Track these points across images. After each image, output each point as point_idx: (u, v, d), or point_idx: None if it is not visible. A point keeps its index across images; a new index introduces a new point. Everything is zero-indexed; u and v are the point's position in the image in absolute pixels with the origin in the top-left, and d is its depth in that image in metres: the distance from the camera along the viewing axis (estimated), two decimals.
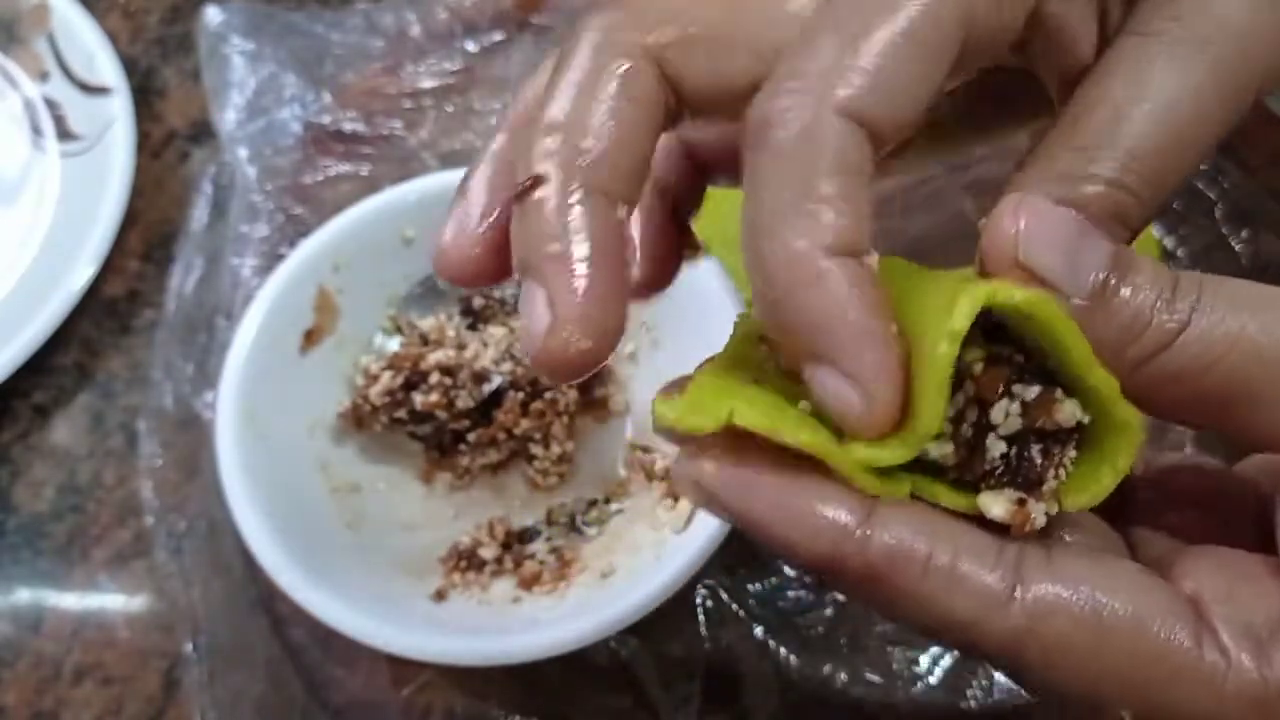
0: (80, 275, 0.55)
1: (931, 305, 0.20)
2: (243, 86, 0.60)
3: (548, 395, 0.48)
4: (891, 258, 0.22)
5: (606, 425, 0.50)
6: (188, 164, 0.61)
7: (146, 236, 0.59)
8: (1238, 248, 0.52)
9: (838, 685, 0.45)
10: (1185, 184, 0.52)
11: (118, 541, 0.51)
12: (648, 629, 0.44)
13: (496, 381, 0.48)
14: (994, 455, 0.21)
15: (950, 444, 0.21)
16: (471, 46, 0.62)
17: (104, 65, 0.61)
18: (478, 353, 0.48)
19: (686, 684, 0.45)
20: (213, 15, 0.61)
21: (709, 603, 0.46)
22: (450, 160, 0.59)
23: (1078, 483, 0.21)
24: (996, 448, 0.21)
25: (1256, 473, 0.25)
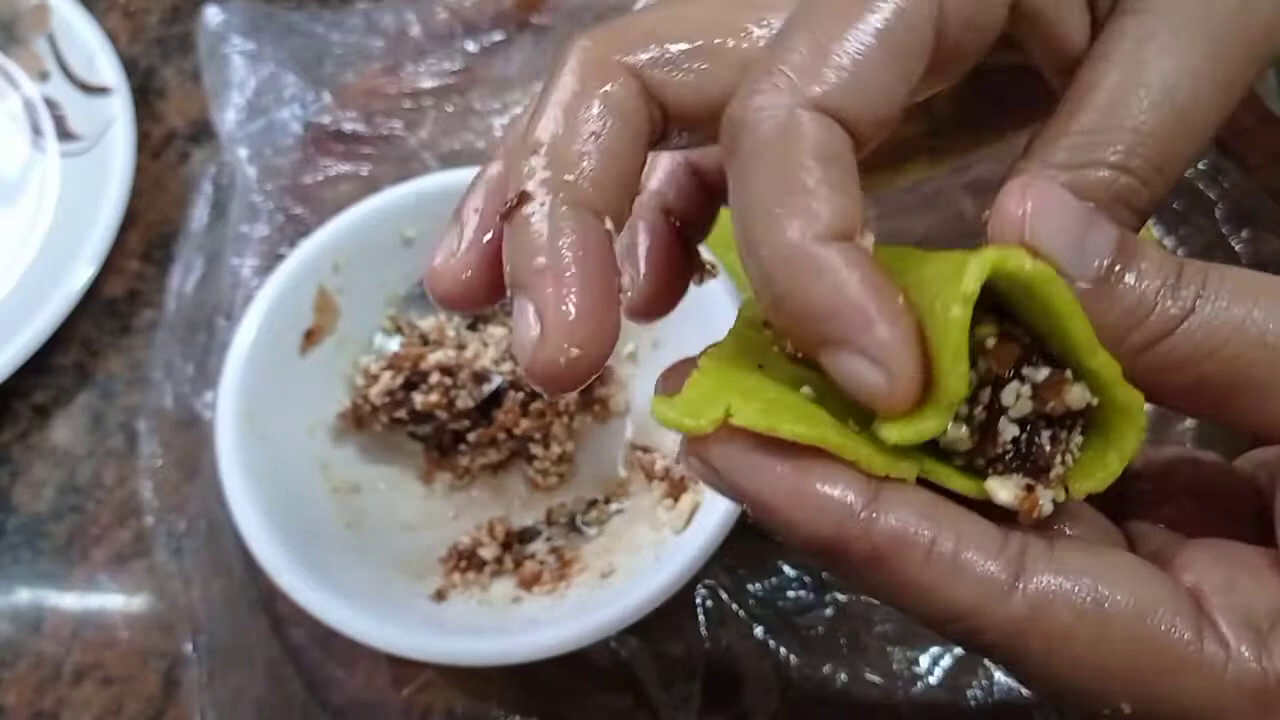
0: (80, 275, 0.55)
1: (937, 278, 0.20)
2: (243, 86, 0.60)
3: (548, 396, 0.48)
4: (888, 245, 0.22)
5: (606, 425, 0.50)
6: (188, 164, 0.61)
7: (146, 236, 0.59)
8: (1238, 248, 0.52)
9: (838, 685, 0.45)
10: (1188, 174, 0.53)
11: (118, 541, 0.51)
12: (648, 629, 0.44)
13: (496, 381, 0.48)
14: (1006, 438, 0.21)
15: (964, 427, 0.21)
16: (471, 46, 0.62)
17: (104, 65, 0.61)
18: (478, 353, 0.48)
19: (686, 684, 0.45)
20: (213, 15, 0.61)
21: (709, 603, 0.46)
22: (450, 160, 0.59)
23: (1084, 469, 0.21)
24: (1009, 431, 0.21)
25: (1255, 467, 0.25)
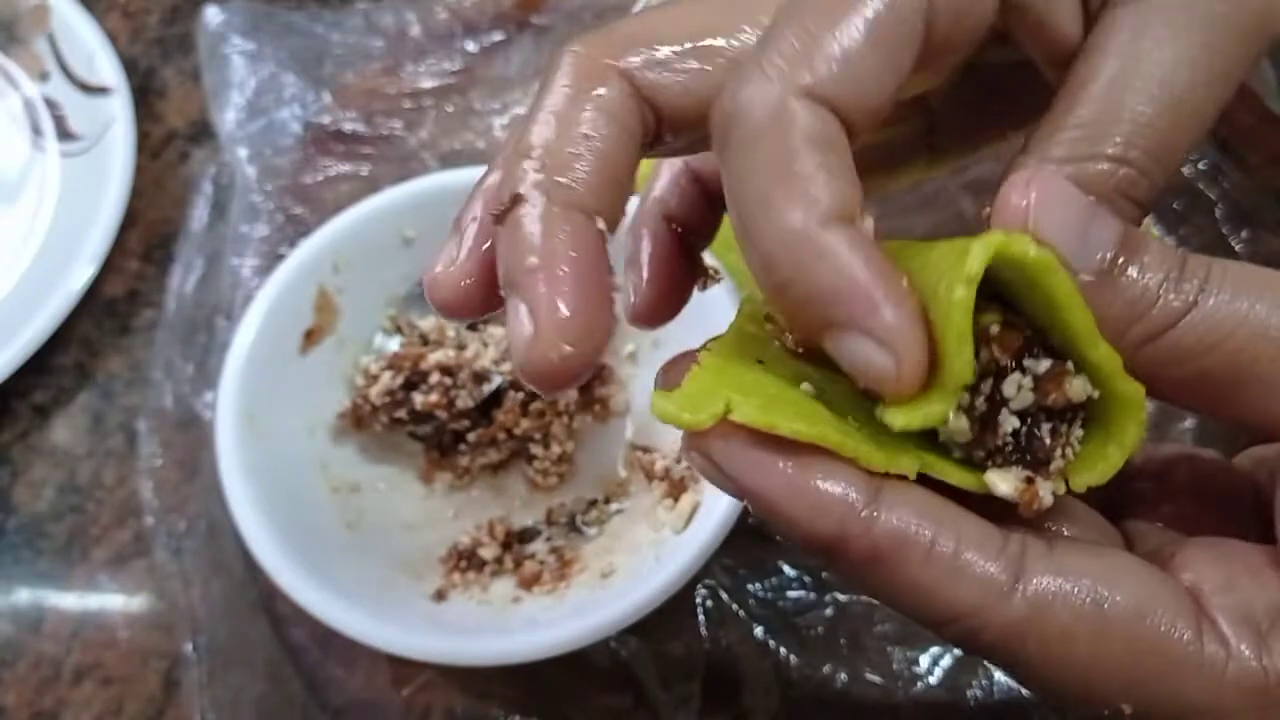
0: (80, 275, 0.55)
1: (941, 264, 0.20)
2: (243, 86, 0.60)
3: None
4: (890, 239, 0.22)
5: (606, 425, 0.50)
6: (188, 164, 0.61)
7: (146, 236, 0.59)
8: (1238, 248, 0.52)
9: (838, 685, 0.45)
10: (1187, 174, 0.52)
11: (118, 541, 0.51)
12: (648, 629, 0.44)
13: (496, 381, 0.48)
14: (1006, 430, 0.21)
15: (965, 418, 0.21)
16: (471, 46, 0.62)
17: (104, 65, 0.61)
18: (478, 353, 0.48)
19: (686, 684, 0.44)
20: (213, 15, 0.61)
21: (709, 603, 0.46)
22: (450, 160, 0.59)
23: (1084, 462, 0.21)
24: (1009, 423, 0.21)
25: (1254, 465, 0.25)
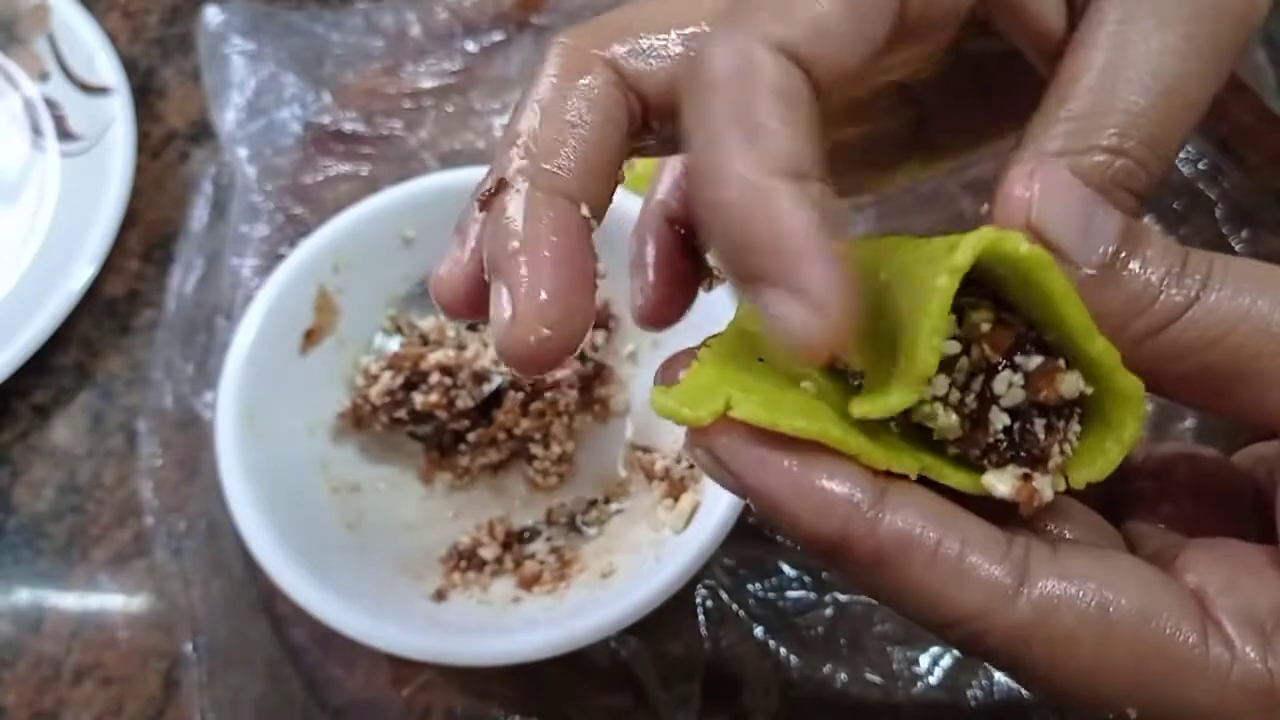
0: (80, 275, 0.55)
1: (931, 256, 0.20)
2: (243, 86, 0.60)
3: (548, 395, 0.48)
4: (884, 235, 0.22)
5: (606, 425, 0.50)
6: (188, 164, 0.61)
7: (146, 236, 0.59)
8: (1238, 248, 0.52)
9: (838, 685, 0.45)
10: (1187, 174, 0.52)
11: (118, 541, 0.51)
12: (648, 629, 0.44)
13: (496, 381, 0.48)
14: (997, 427, 0.21)
15: (954, 415, 0.21)
16: (471, 46, 0.62)
17: (104, 65, 0.61)
18: (478, 353, 0.48)
19: (686, 684, 0.44)
20: (213, 15, 0.61)
21: (709, 603, 0.46)
22: (450, 160, 0.59)
23: (1083, 458, 0.21)
24: (1000, 420, 0.21)
25: (1254, 463, 0.25)
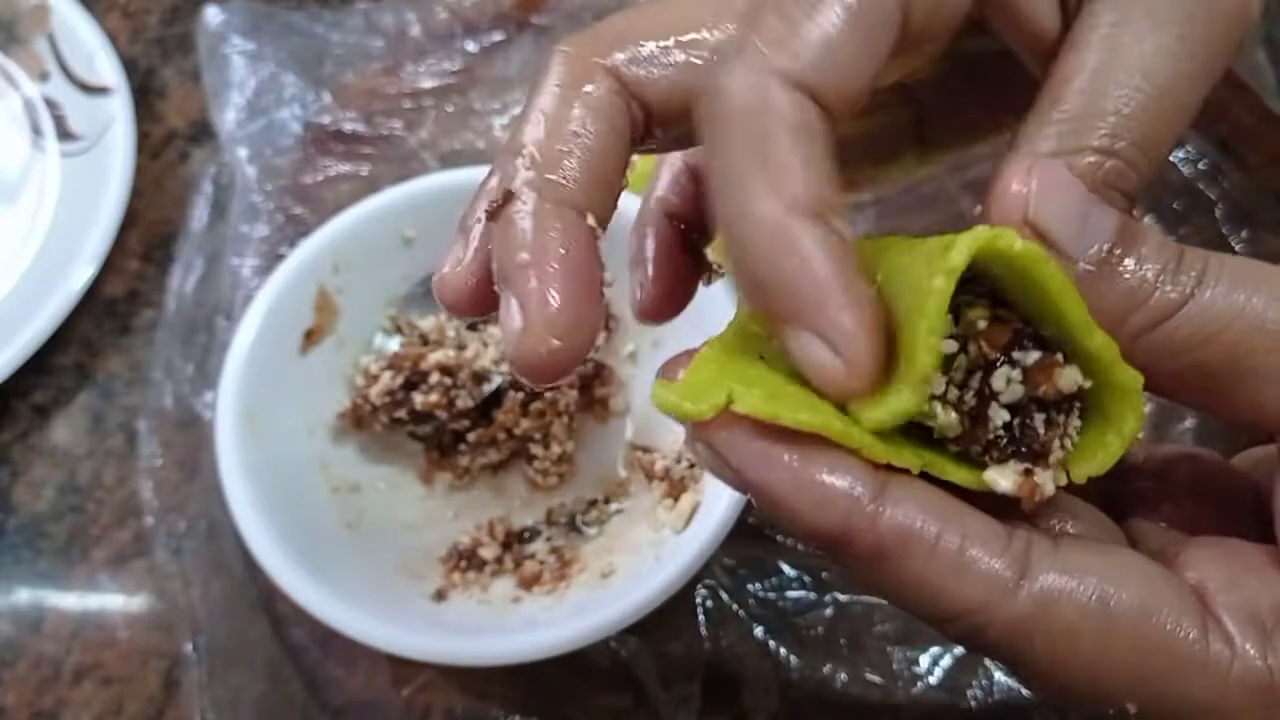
0: (80, 275, 0.55)
1: (927, 257, 0.20)
2: (243, 86, 0.60)
3: (548, 395, 0.48)
4: (880, 235, 0.22)
5: (606, 425, 0.50)
6: (188, 164, 0.61)
7: (146, 236, 0.59)
8: (1238, 248, 0.52)
9: (838, 685, 0.45)
10: (1187, 174, 0.52)
11: (118, 541, 0.51)
12: (648, 629, 0.44)
13: (496, 381, 0.48)
14: (997, 423, 0.21)
15: (954, 413, 0.21)
16: (471, 46, 0.62)
17: (104, 65, 0.61)
18: (478, 353, 0.48)
19: (686, 684, 0.44)
20: (213, 15, 0.61)
21: (709, 603, 0.46)
22: (450, 160, 0.59)
23: (1083, 452, 0.21)
24: (999, 416, 0.21)
25: (1254, 465, 0.25)
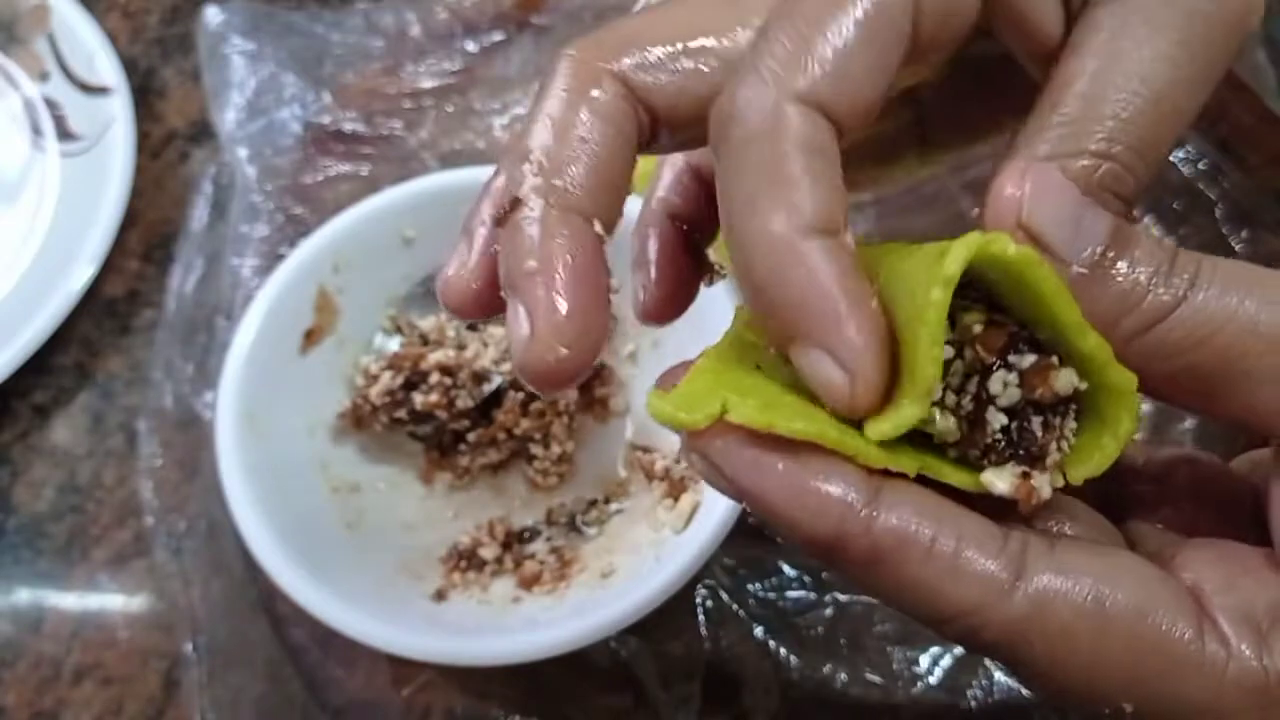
0: (80, 275, 0.55)
1: (923, 265, 0.20)
2: (243, 86, 0.60)
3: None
4: (877, 242, 0.22)
5: (606, 425, 0.50)
6: (188, 164, 0.61)
7: (146, 236, 0.59)
8: (1238, 248, 0.52)
9: (838, 685, 0.45)
10: (1187, 174, 0.52)
11: (118, 541, 0.51)
12: (648, 629, 0.44)
13: (496, 381, 0.48)
14: (994, 427, 0.21)
15: (952, 418, 0.21)
16: (471, 46, 0.62)
17: (104, 65, 0.61)
18: (478, 353, 0.48)
19: (686, 684, 0.44)
20: (213, 15, 0.61)
21: (709, 603, 0.46)
22: (450, 160, 0.59)
23: (1080, 454, 0.21)
24: (997, 419, 0.21)
25: (1251, 468, 0.25)
